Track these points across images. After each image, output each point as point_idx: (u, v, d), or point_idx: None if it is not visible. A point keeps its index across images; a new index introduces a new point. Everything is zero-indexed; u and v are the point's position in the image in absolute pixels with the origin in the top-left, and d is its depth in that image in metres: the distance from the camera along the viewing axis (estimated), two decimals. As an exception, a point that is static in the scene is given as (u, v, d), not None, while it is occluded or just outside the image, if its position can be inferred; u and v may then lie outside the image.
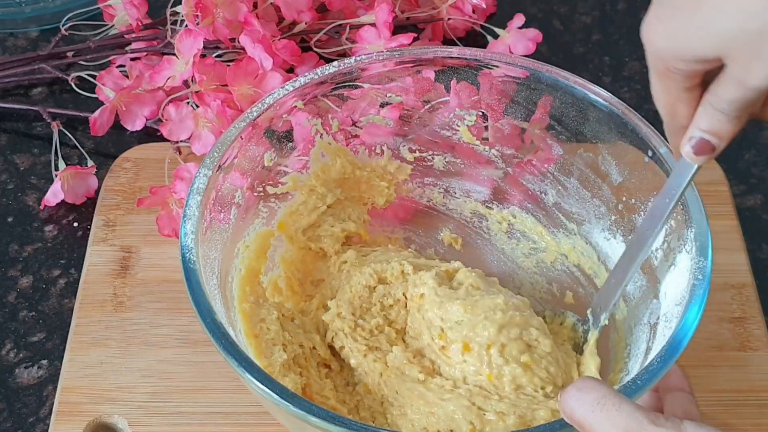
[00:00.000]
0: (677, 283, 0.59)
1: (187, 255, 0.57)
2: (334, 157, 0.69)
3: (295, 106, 0.65)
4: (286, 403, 0.52)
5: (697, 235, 0.58)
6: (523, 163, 0.69)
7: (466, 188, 0.72)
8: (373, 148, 0.70)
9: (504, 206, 0.71)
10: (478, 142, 0.70)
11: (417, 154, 0.71)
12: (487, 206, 0.72)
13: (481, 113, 0.68)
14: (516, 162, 0.70)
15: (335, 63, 0.66)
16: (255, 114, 0.63)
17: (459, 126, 0.69)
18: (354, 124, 0.68)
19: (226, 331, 0.55)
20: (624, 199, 0.65)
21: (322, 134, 0.68)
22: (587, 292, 0.68)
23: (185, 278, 0.56)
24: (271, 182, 0.66)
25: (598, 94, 0.65)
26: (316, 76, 0.65)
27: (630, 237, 0.64)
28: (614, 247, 0.66)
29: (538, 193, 0.70)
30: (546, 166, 0.69)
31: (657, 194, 0.60)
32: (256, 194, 0.66)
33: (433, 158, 0.71)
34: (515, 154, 0.69)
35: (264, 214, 0.66)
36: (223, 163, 0.61)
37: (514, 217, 0.71)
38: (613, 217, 0.66)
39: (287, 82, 0.65)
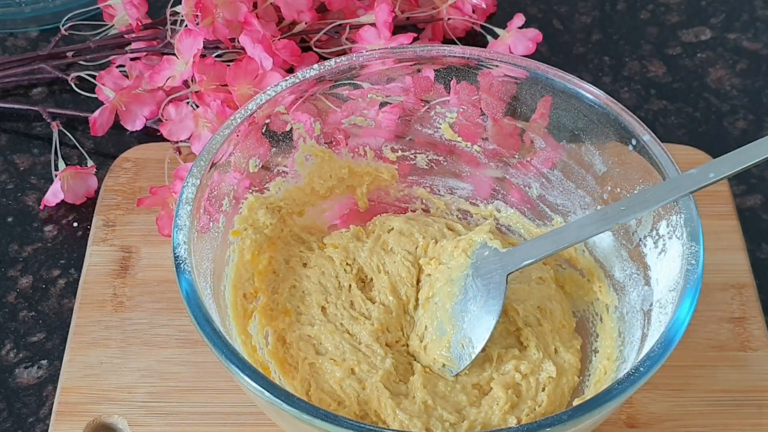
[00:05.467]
0: (669, 269, 0.59)
1: (182, 266, 0.57)
2: (320, 161, 0.69)
3: (278, 111, 0.65)
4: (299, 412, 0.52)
5: (687, 221, 0.59)
6: (506, 158, 0.70)
7: (449, 185, 0.72)
8: (356, 149, 0.70)
9: (489, 202, 0.72)
10: (460, 139, 0.70)
11: (399, 153, 0.71)
12: (471, 203, 0.72)
13: (462, 110, 0.69)
14: (501, 158, 0.70)
15: (331, 60, 0.67)
16: (239, 120, 0.63)
17: (440, 124, 0.70)
18: (337, 128, 0.69)
19: (226, 339, 0.55)
20: (609, 188, 0.65)
21: (305, 138, 0.68)
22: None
23: (181, 287, 0.57)
24: (257, 188, 0.67)
25: (578, 86, 0.65)
26: (309, 75, 0.66)
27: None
28: (601, 237, 0.66)
29: (522, 186, 0.70)
30: (530, 160, 0.69)
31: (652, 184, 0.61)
32: (243, 201, 0.66)
33: (415, 157, 0.72)
34: (498, 149, 0.70)
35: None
36: (210, 169, 0.62)
37: (499, 212, 0.72)
38: (598, 207, 0.66)
39: (269, 87, 0.65)
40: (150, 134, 0.81)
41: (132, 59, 0.82)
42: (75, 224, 0.78)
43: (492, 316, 0.63)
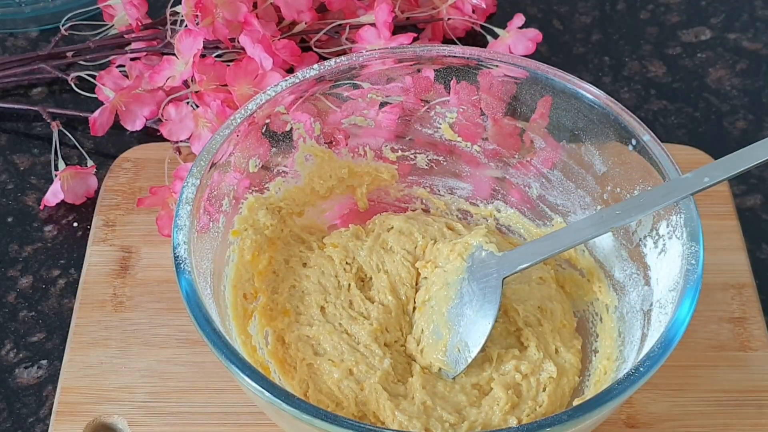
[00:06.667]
0: (669, 269, 0.59)
1: (182, 266, 0.57)
2: (320, 161, 0.69)
3: (278, 111, 0.65)
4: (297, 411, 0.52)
5: (687, 221, 0.59)
6: (506, 158, 0.70)
7: (449, 185, 0.72)
8: (356, 149, 0.70)
9: (489, 202, 0.72)
10: (460, 139, 0.70)
11: (399, 153, 0.71)
12: (471, 203, 0.72)
13: (462, 110, 0.69)
14: (501, 158, 0.70)
15: (331, 60, 0.67)
16: (239, 120, 0.63)
17: (440, 124, 0.70)
18: (337, 127, 0.69)
19: (226, 339, 0.55)
20: (609, 188, 0.65)
21: (305, 138, 0.68)
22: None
23: (181, 287, 0.57)
24: (257, 188, 0.67)
25: (578, 86, 0.65)
26: (309, 75, 0.66)
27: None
28: (601, 237, 0.66)
29: (522, 186, 0.70)
30: (530, 160, 0.69)
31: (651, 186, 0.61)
32: (243, 201, 0.66)
33: (415, 157, 0.72)
34: (498, 149, 0.70)
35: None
36: (210, 169, 0.62)
37: (499, 212, 0.72)
38: (598, 207, 0.66)
39: (269, 87, 0.65)
40: (150, 134, 0.81)
41: (132, 59, 0.82)
42: (75, 224, 0.78)
43: (488, 320, 0.63)
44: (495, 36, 0.86)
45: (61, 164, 0.79)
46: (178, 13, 0.81)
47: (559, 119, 0.66)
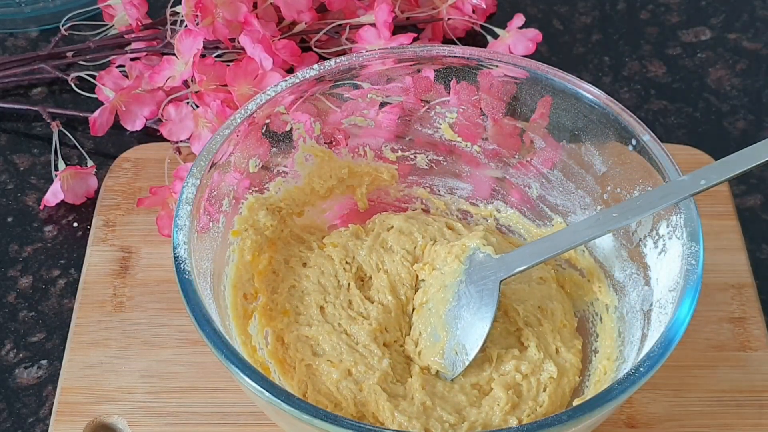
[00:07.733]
0: (669, 269, 0.59)
1: (182, 266, 0.57)
2: (320, 161, 0.69)
3: (278, 111, 0.65)
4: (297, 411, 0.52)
5: (687, 221, 0.59)
6: (506, 158, 0.70)
7: (449, 186, 0.72)
8: (356, 149, 0.70)
9: (489, 202, 0.72)
10: (460, 139, 0.70)
11: (399, 153, 0.71)
12: (471, 203, 0.72)
13: (462, 110, 0.69)
14: (501, 158, 0.70)
15: (331, 61, 0.67)
16: (239, 120, 0.63)
17: (440, 124, 0.70)
18: (337, 128, 0.69)
19: (226, 339, 0.55)
20: (609, 188, 0.65)
21: (305, 138, 0.68)
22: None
23: (181, 288, 0.57)
24: (257, 188, 0.67)
25: (578, 86, 0.65)
26: (309, 75, 0.66)
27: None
28: (601, 237, 0.66)
29: (522, 186, 0.70)
30: (530, 160, 0.69)
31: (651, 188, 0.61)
32: (243, 201, 0.66)
33: (415, 157, 0.72)
34: (498, 149, 0.70)
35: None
36: (210, 169, 0.62)
37: (499, 212, 0.72)
38: (598, 207, 0.66)
39: (269, 87, 0.65)
40: (150, 134, 0.81)
41: (132, 59, 0.82)
42: (75, 224, 0.78)
43: (485, 323, 0.63)
44: (495, 36, 0.86)
45: (61, 164, 0.79)
46: (178, 13, 0.81)
47: (559, 119, 0.67)
